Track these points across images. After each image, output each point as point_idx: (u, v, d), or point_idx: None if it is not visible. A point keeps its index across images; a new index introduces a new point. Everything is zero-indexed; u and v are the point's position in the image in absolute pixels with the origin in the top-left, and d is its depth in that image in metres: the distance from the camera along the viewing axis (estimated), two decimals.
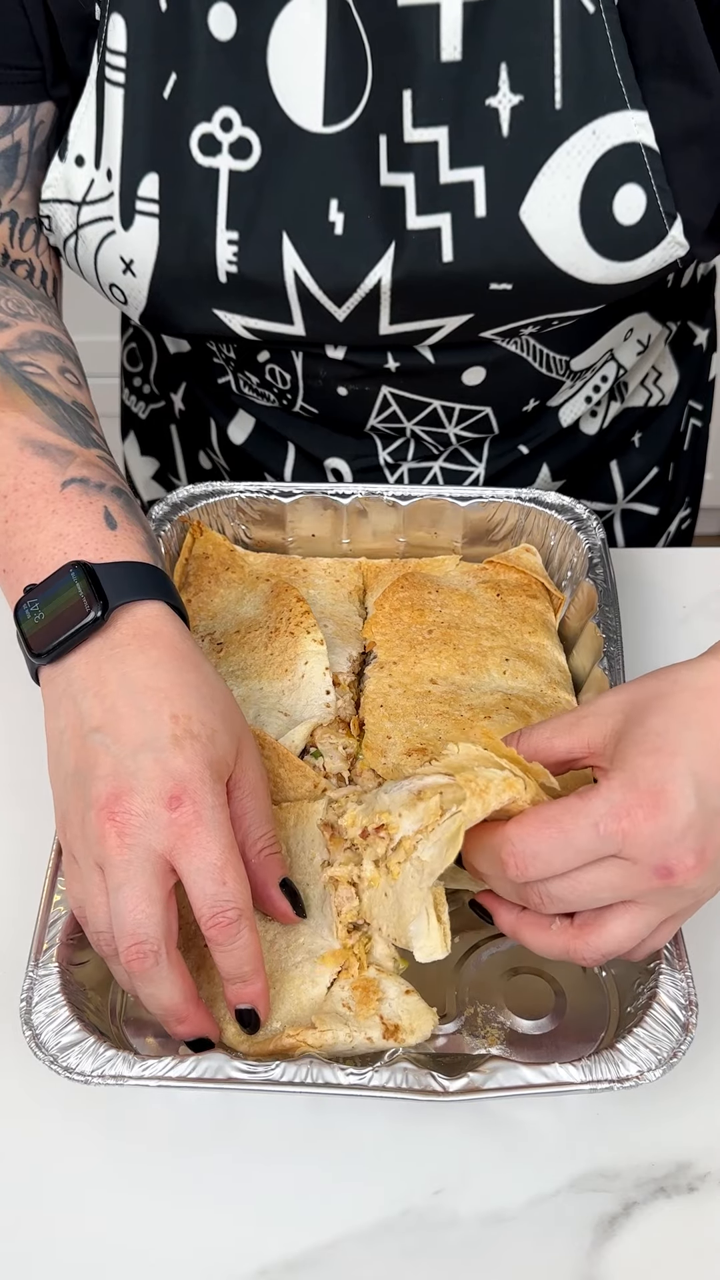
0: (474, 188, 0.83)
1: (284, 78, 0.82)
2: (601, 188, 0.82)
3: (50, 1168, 0.65)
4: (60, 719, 0.68)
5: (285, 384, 1.00)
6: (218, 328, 0.91)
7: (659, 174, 0.83)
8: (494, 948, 0.74)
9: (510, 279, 0.85)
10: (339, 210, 0.84)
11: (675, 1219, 0.64)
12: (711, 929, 0.76)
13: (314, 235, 0.85)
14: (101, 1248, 0.62)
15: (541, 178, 0.82)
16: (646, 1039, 0.64)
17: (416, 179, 0.83)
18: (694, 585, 1.05)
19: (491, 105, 0.81)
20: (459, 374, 0.96)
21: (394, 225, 0.84)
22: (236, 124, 0.84)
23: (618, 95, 0.81)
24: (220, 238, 0.86)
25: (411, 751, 0.78)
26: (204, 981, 0.67)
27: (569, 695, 0.85)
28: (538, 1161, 0.66)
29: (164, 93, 0.84)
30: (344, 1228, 0.63)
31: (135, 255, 0.88)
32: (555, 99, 0.81)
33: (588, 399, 1.06)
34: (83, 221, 0.90)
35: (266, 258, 0.86)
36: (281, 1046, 0.65)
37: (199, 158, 0.84)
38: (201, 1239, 0.63)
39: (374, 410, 1.01)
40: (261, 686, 0.83)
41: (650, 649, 0.98)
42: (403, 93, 0.82)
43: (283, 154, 0.84)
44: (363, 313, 0.88)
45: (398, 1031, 0.65)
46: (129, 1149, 0.66)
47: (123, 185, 0.86)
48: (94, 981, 0.70)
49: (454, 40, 0.80)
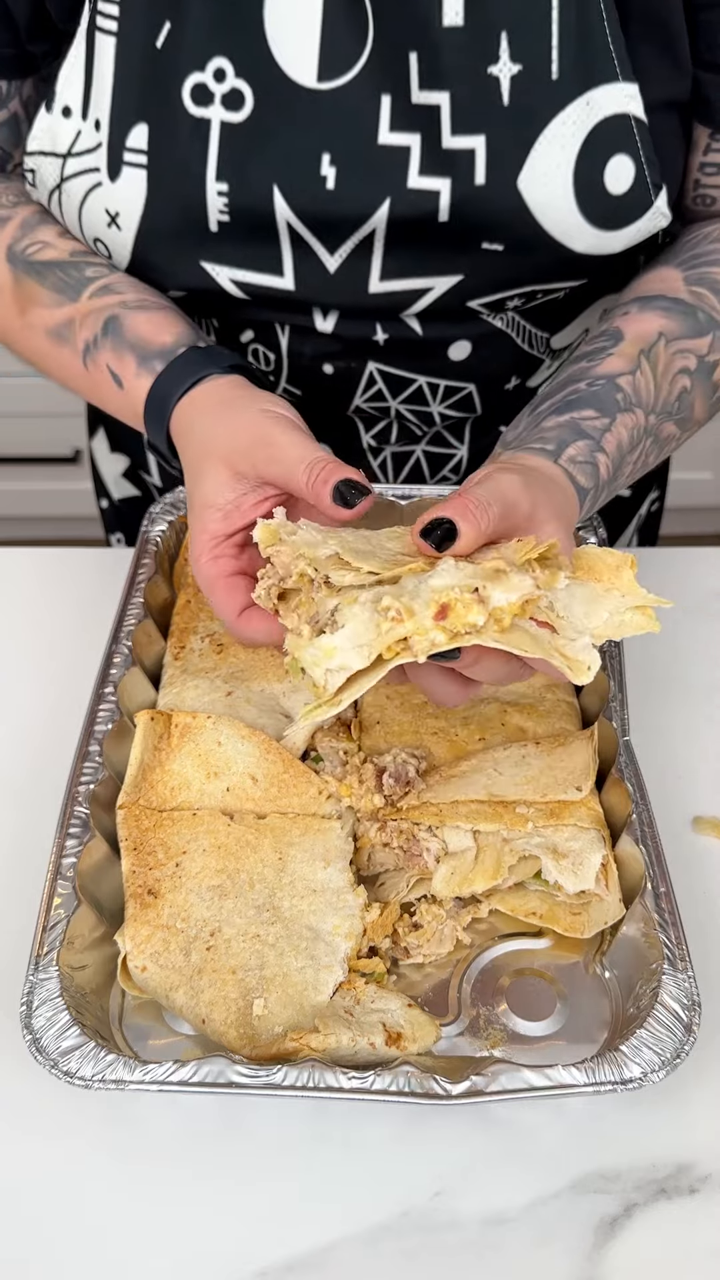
0: (475, 155, 0.84)
1: (280, 31, 0.82)
2: (594, 157, 0.84)
3: (51, 1171, 0.65)
4: None
5: (269, 364, 0.99)
6: (204, 282, 0.91)
7: (647, 145, 0.85)
8: (496, 950, 0.74)
9: (502, 240, 0.87)
10: (331, 164, 0.84)
11: (676, 1221, 0.64)
12: (712, 929, 0.76)
13: (305, 189, 0.85)
14: (102, 1250, 0.62)
15: (538, 147, 0.83)
16: (649, 1040, 0.64)
17: (422, 139, 0.83)
18: (694, 585, 1.05)
19: (493, 74, 0.82)
20: (445, 348, 0.97)
21: (392, 182, 0.85)
22: (230, 75, 0.83)
23: (610, 67, 0.82)
24: (210, 189, 0.85)
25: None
26: (205, 985, 0.67)
27: (569, 697, 0.85)
28: (538, 1162, 0.66)
29: (157, 41, 0.83)
30: (344, 1229, 0.63)
31: (122, 208, 0.88)
32: (552, 69, 0.82)
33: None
34: (68, 174, 0.89)
35: (258, 207, 0.86)
36: (284, 1050, 0.65)
37: (191, 108, 0.84)
38: (202, 1241, 0.63)
39: (359, 389, 1.01)
40: (263, 688, 0.83)
41: (651, 649, 0.98)
42: (409, 54, 0.82)
43: (275, 107, 0.84)
44: (354, 262, 0.88)
45: (400, 1039, 0.66)
46: (129, 1152, 0.66)
47: (111, 136, 0.86)
48: (94, 985, 0.69)
49: (456, 5, 0.81)
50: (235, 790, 0.76)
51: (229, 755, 0.77)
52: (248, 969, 0.68)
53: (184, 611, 0.91)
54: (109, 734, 0.80)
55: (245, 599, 0.74)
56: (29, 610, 1.03)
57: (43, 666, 0.96)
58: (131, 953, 0.68)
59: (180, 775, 0.76)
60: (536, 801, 0.75)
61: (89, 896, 0.71)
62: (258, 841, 0.73)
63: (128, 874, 0.72)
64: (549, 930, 0.74)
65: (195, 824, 0.74)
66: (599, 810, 0.76)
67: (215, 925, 0.69)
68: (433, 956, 0.73)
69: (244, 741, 0.77)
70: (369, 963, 0.70)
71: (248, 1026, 0.66)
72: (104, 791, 0.76)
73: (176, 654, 0.88)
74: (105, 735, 0.80)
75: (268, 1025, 0.66)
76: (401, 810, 0.75)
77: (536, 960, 0.73)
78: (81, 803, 0.75)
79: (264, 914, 0.70)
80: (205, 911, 0.70)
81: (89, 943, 0.70)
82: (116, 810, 0.75)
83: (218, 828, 0.73)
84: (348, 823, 0.75)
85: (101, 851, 0.74)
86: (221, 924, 0.69)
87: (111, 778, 0.78)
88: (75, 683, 0.90)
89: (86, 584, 1.04)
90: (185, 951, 0.68)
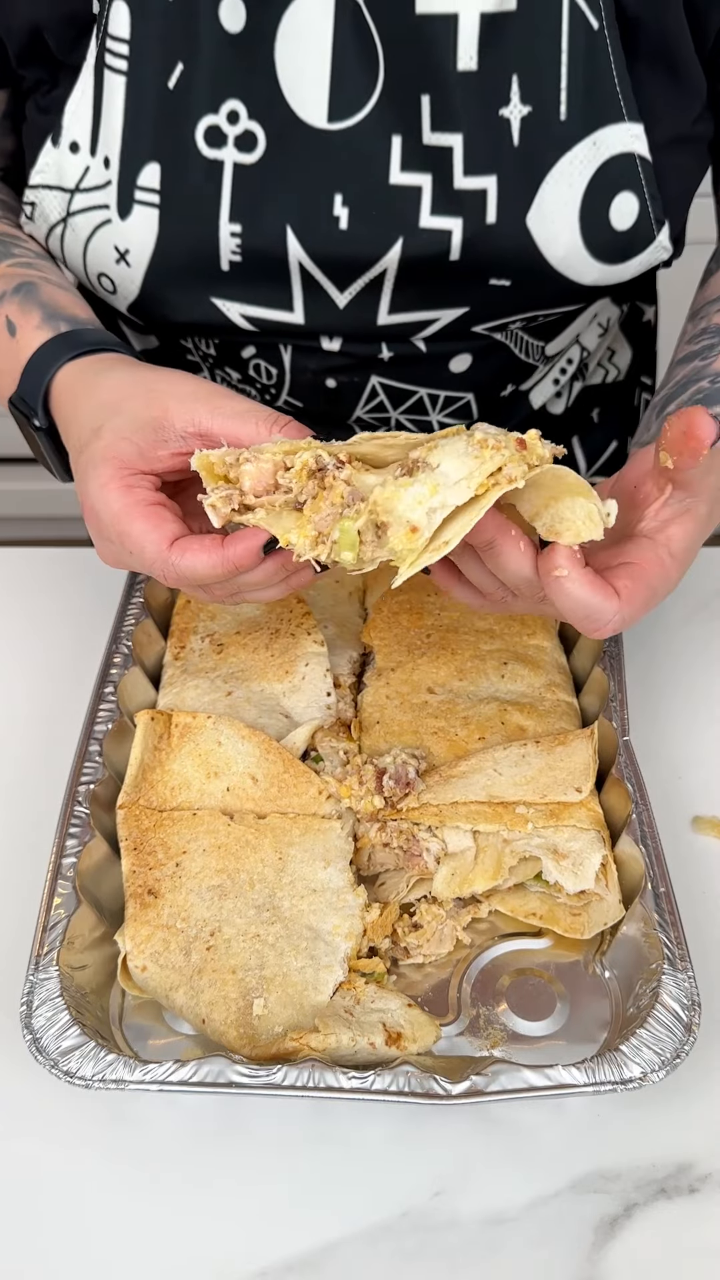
0: (487, 195, 0.85)
1: (290, 72, 0.82)
2: (600, 195, 0.85)
3: (51, 1170, 0.65)
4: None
5: (270, 378, 1.00)
6: (214, 317, 0.91)
7: (651, 182, 0.86)
8: (496, 950, 0.74)
9: (510, 276, 0.88)
10: (343, 205, 0.85)
11: (676, 1220, 0.63)
12: (712, 929, 0.76)
13: (319, 230, 0.86)
14: (102, 1250, 0.62)
15: (546, 185, 0.84)
16: (649, 1040, 0.64)
17: (434, 180, 0.84)
18: (695, 585, 1.05)
19: (504, 115, 0.83)
20: (447, 361, 0.98)
21: (404, 222, 0.85)
22: (243, 117, 0.84)
23: (616, 107, 0.84)
24: (223, 230, 0.86)
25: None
26: (205, 985, 0.67)
27: (569, 697, 0.85)
28: (538, 1162, 0.66)
29: (169, 83, 0.83)
30: (344, 1229, 0.63)
31: (132, 245, 0.88)
32: (561, 110, 0.83)
33: (555, 381, 1.09)
34: (74, 209, 0.90)
35: (271, 248, 0.86)
36: (284, 1050, 0.65)
37: (204, 150, 0.84)
38: (202, 1240, 0.63)
39: (361, 400, 1.01)
40: (263, 688, 0.83)
41: (651, 649, 0.98)
42: (421, 96, 0.83)
43: (287, 148, 0.84)
44: (364, 300, 0.89)
45: (400, 1039, 0.66)
46: (129, 1152, 0.66)
47: (122, 174, 0.86)
48: (94, 985, 0.69)
49: (470, 50, 0.81)
50: (235, 790, 0.76)
51: (229, 755, 0.77)
52: (248, 969, 0.68)
53: (184, 611, 0.91)
54: (109, 734, 0.80)
55: (177, 528, 0.69)
56: (29, 610, 1.03)
57: (43, 666, 0.96)
58: (131, 952, 0.68)
59: (180, 775, 0.76)
60: (536, 802, 0.75)
61: (89, 896, 0.71)
62: (258, 841, 0.73)
63: (128, 874, 0.72)
64: (549, 930, 0.74)
65: (195, 824, 0.74)
66: (599, 811, 0.76)
67: (215, 925, 0.69)
68: (433, 956, 0.73)
69: (244, 741, 0.77)
70: (369, 963, 0.70)
71: (248, 1026, 0.66)
72: (104, 791, 0.76)
73: (176, 654, 0.88)
74: (105, 735, 0.80)
75: (268, 1025, 0.66)
76: (401, 811, 0.75)
77: (536, 960, 0.73)
78: (81, 802, 0.75)
79: (264, 914, 0.70)
80: (205, 911, 0.70)
81: (89, 942, 0.70)
82: (116, 810, 0.75)
83: (218, 828, 0.74)
84: (348, 823, 0.75)
85: (102, 851, 0.74)
86: (221, 924, 0.69)
87: (112, 778, 0.78)
88: (75, 683, 0.90)
89: (86, 584, 1.04)
90: (185, 951, 0.68)
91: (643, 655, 0.96)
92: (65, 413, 0.78)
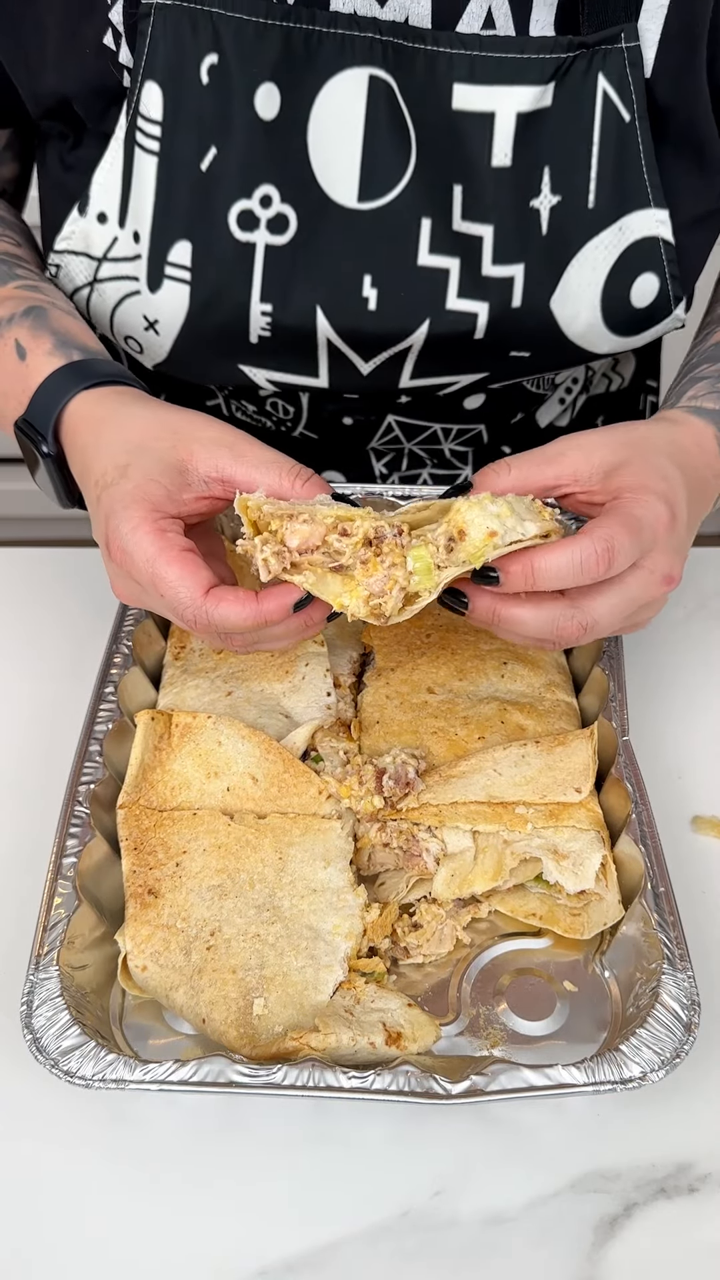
0: (514, 283, 0.86)
1: (322, 153, 0.83)
2: (622, 277, 0.87)
3: (51, 1170, 0.65)
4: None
5: (288, 415, 1.01)
6: (239, 379, 0.93)
7: (673, 263, 0.88)
8: (496, 950, 0.74)
9: (529, 349, 0.91)
10: (372, 286, 0.86)
11: (676, 1220, 0.64)
12: (712, 929, 0.76)
13: (348, 309, 0.87)
14: (102, 1249, 0.62)
15: (571, 269, 0.87)
16: (649, 1039, 0.64)
17: (461, 265, 0.86)
18: (694, 585, 1.05)
19: (534, 206, 0.85)
20: (461, 400, 1.00)
21: (432, 303, 0.87)
22: (275, 200, 0.84)
23: (643, 194, 0.85)
24: (254, 309, 0.87)
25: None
26: (205, 985, 0.67)
27: (568, 697, 0.85)
28: (538, 1162, 0.66)
29: (202, 164, 0.83)
30: (344, 1229, 0.63)
31: (161, 316, 0.89)
32: (589, 198, 0.85)
33: (561, 400, 1.11)
34: (101, 276, 0.90)
35: (300, 325, 0.87)
36: (284, 1049, 0.65)
37: (236, 232, 0.85)
38: (202, 1240, 0.63)
39: (376, 435, 1.03)
40: (263, 688, 0.83)
41: (650, 649, 0.98)
42: (454, 185, 0.84)
43: (319, 228, 0.85)
44: (387, 369, 0.91)
45: (400, 1039, 0.66)
46: (129, 1152, 0.66)
47: (152, 249, 0.86)
48: (94, 985, 0.69)
49: (505, 148, 0.82)
50: (235, 790, 0.76)
51: (229, 755, 0.77)
52: (248, 968, 0.68)
53: None
54: (109, 734, 0.80)
55: (209, 576, 0.68)
56: (29, 610, 1.03)
57: (43, 667, 0.96)
58: (132, 952, 0.68)
59: (180, 775, 0.76)
60: (536, 802, 0.75)
61: (89, 896, 0.71)
62: (258, 841, 0.73)
63: (128, 874, 0.72)
64: (549, 930, 0.74)
65: (195, 824, 0.74)
66: (598, 811, 0.76)
67: (215, 925, 0.69)
68: (433, 956, 0.73)
69: (244, 741, 0.77)
70: (369, 962, 0.70)
71: (248, 1026, 0.66)
72: (104, 791, 0.77)
73: (177, 654, 0.88)
74: (106, 735, 0.80)
75: (268, 1025, 0.66)
76: (401, 811, 0.75)
77: (536, 960, 0.73)
78: (82, 802, 0.75)
79: (264, 914, 0.70)
80: (205, 911, 0.70)
81: (89, 942, 0.70)
82: (117, 810, 0.75)
83: (218, 827, 0.74)
84: (348, 823, 0.75)
85: (102, 851, 0.74)
86: (222, 923, 0.69)
87: (112, 778, 0.78)
88: (75, 683, 0.90)
89: (86, 584, 1.04)
90: (185, 951, 0.68)
91: (642, 655, 0.97)
92: (82, 441, 0.76)
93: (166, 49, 0.80)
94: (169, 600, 0.68)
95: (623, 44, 0.81)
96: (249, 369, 0.91)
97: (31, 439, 0.79)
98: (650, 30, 0.82)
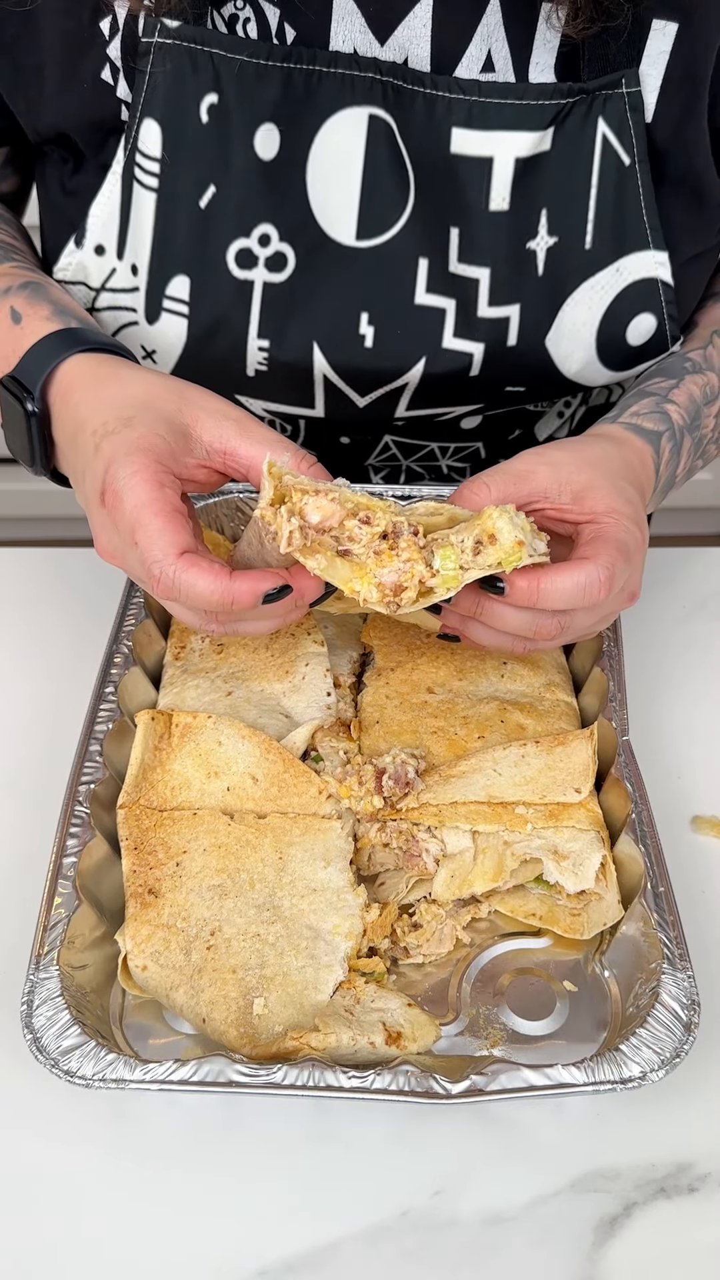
0: (509, 323, 0.87)
1: (321, 192, 0.83)
2: (619, 317, 0.87)
3: (51, 1170, 0.65)
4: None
5: (286, 432, 1.01)
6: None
7: (671, 304, 0.88)
8: (496, 949, 0.74)
9: (524, 384, 0.91)
10: (369, 324, 0.86)
11: (675, 1220, 0.64)
12: (712, 929, 0.76)
13: (344, 346, 0.87)
14: (102, 1249, 0.62)
15: (566, 308, 0.87)
16: (649, 1039, 0.64)
17: (457, 305, 0.86)
18: (694, 585, 1.05)
19: (531, 248, 0.85)
20: (459, 421, 1.00)
21: (428, 342, 0.87)
22: (274, 239, 0.84)
23: (642, 236, 0.85)
24: (251, 344, 0.87)
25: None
26: (206, 984, 0.67)
27: (568, 697, 0.85)
28: (538, 1162, 0.66)
29: (200, 202, 0.83)
30: (344, 1228, 0.63)
31: (159, 347, 0.89)
32: (586, 240, 0.85)
33: (560, 414, 1.11)
34: (100, 306, 0.90)
35: (297, 362, 0.87)
36: (284, 1049, 0.65)
37: (235, 270, 0.85)
38: (202, 1240, 0.63)
39: (374, 453, 1.03)
40: (263, 688, 0.83)
41: (650, 648, 0.98)
42: (450, 228, 0.84)
43: (316, 266, 0.85)
44: (383, 403, 0.92)
45: (400, 1038, 0.66)
46: (130, 1151, 0.66)
47: (150, 283, 0.87)
48: (94, 984, 0.70)
49: (503, 192, 0.83)
50: (235, 790, 0.76)
51: (229, 755, 0.77)
52: (248, 968, 0.68)
53: None
54: (109, 734, 0.80)
55: (191, 542, 0.67)
56: (29, 610, 1.03)
57: (43, 666, 0.96)
58: (132, 952, 0.68)
59: (181, 775, 0.76)
60: (535, 803, 0.75)
61: (89, 896, 0.71)
62: (258, 841, 0.73)
63: (128, 873, 0.72)
64: (549, 930, 0.74)
65: (195, 823, 0.74)
66: (598, 811, 0.76)
67: (215, 925, 0.69)
68: (432, 956, 0.73)
69: (244, 741, 0.77)
70: (369, 962, 0.70)
71: (248, 1025, 0.66)
72: (104, 791, 0.77)
73: (177, 654, 0.88)
74: (106, 735, 0.80)
75: (268, 1024, 0.66)
76: (401, 811, 0.75)
77: (536, 960, 0.73)
78: (82, 802, 0.75)
79: (264, 913, 0.70)
80: (205, 911, 0.70)
81: (89, 942, 0.70)
82: (117, 810, 0.75)
83: (218, 827, 0.74)
84: (348, 823, 0.75)
85: (102, 851, 0.74)
86: (222, 923, 0.69)
87: (112, 777, 0.78)
88: (75, 683, 0.90)
89: (86, 584, 1.04)
90: (185, 951, 0.68)
91: (642, 655, 0.97)
92: (77, 398, 0.75)
93: (166, 87, 0.80)
94: (142, 550, 0.66)
95: (624, 89, 0.81)
96: (246, 400, 0.92)
97: (17, 395, 0.77)
98: (651, 75, 0.82)
